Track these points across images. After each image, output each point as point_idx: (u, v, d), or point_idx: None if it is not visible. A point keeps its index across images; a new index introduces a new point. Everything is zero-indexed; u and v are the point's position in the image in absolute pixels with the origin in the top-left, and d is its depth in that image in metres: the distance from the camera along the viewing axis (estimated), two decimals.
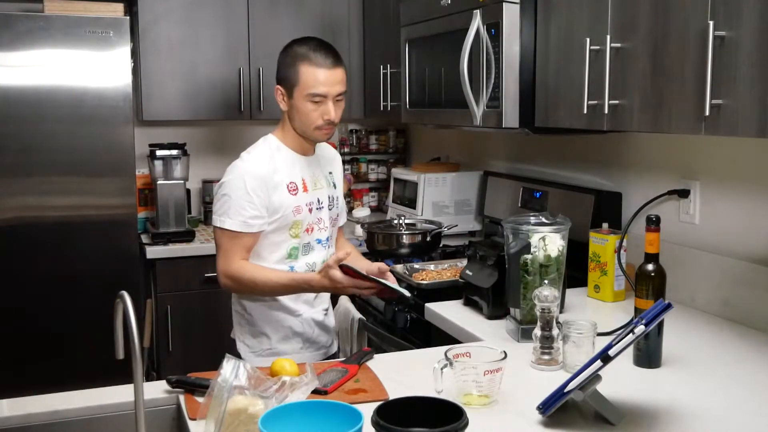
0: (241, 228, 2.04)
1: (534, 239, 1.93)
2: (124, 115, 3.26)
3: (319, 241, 2.19)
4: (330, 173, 2.27)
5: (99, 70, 3.21)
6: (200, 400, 1.50)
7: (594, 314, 2.19)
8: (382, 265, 2.11)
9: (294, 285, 2.07)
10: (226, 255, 2.07)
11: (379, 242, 2.97)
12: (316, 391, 1.56)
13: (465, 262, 2.42)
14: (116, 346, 1.32)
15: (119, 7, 3.29)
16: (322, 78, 2.06)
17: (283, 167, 2.11)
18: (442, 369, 1.54)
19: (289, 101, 2.10)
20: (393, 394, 1.57)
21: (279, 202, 2.07)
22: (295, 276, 2.08)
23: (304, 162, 2.17)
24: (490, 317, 2.14)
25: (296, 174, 2.13)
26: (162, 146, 3.62)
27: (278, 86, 2.13)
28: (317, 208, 2.17)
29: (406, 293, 2.09)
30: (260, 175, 2.06)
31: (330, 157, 2.32)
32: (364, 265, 2.15)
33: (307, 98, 2.06)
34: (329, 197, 2.22)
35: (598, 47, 2.02)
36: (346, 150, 4.30)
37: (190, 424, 1.49)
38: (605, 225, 2.39)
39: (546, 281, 1.82)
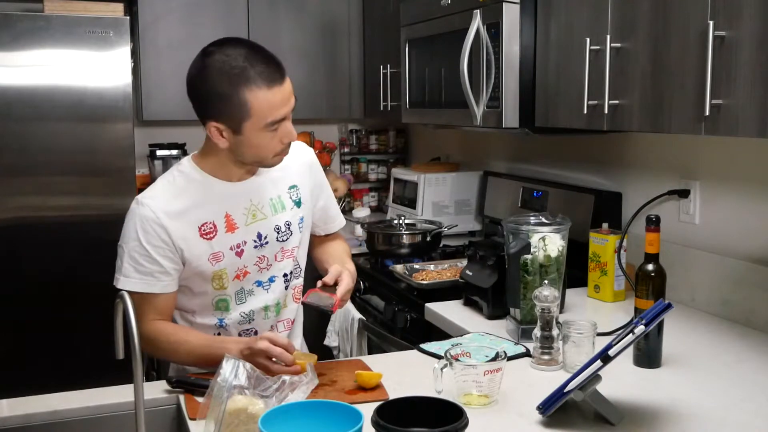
0: (139, 288, 1.68)
1: (534, 239, 1.93)
2: (124, 115, 3.25)
3: (260, 284, 1.81)
4: (291, 188, 1.84)
5: (99, 70, 3.20)
6: (200, 400, 1.50)
7: (594, 314, 2.19)
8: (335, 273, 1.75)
9: (208, 350, 1.68)
10: (138, 317, 1.62)
11: (379, 242, 2.97)
12: (324, 312, 1.63)
13: (465, 262, 2.42)
14: (116, 346, 1.32)
15: (119, 7, 3.29)
16: (278, 99, 1.61)
17: (194, 205, 1.71)
18: (442, 369, 1.54)
19: (236, 137, 1.64)
20: (393, 394, 1.57)
21: (188, 251, 1.70)
22: (209, 339, 1.73)
23: (233, 192, 1.75)
24: (490, 317, 2.14)
25: (216, 211, 1.73)
26: (162, 146, 3.62)
27: (213, 123, 1.63)
28: (256, 246, 1.77)
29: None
30: (158, 221, 1.68)
31: (287, 168, 1.82)
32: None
33: (266, 129, 1.63)
34: (285, 224, 1.81)
35: (598, 47, 2.02)
36: (346, 150, 4.30)
37: (190, 424, 1.49)
38: (605, 225, 2.39)
39: (546, 281, 1.82)
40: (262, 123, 1.62)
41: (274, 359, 1.60)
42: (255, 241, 1.77)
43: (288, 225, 1.82)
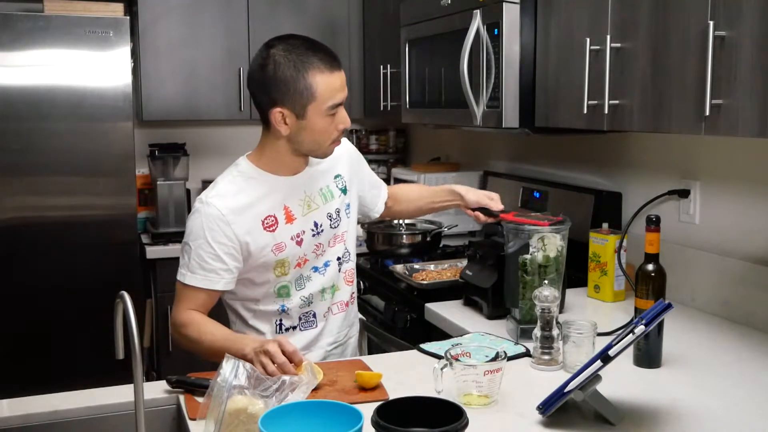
0: (203, 284, 1.79)
1: (533, 239, 1.93)
2: (124, 115, 3.26)
3: (316, 269, 1.93)
4: (336, 177, 1.97)
5: (99, 70, 3.20)
6: (200, 400, 1.50)
7: (594, 314, 2.19)
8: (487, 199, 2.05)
9: (228, 344, 1.71)
10: (178, 303, 1.84)
11: (379, 242, 2.97)
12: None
13: (465, 262, 2.42)
14: (116, 346, 1.32)
15: (119, 7, 3.29)
16: (338, 84, 1.76)
17: (256, 200, 1.82)
18: (442, 369, 1.54)
19: (299, 122, 1.76)
20: (393, 394, 1.57)
21: (254, 243, 1.80)
22: (231, 334, 1.81)
23: (289, 185, 1.87)
24: (490, 317, 2.14)
25: (275, 204, 1.84)
26: (162, 146, 3.62)
27: (278, 109, 1.74)
28: (314, 235, 1.89)
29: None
30: (224, 218, 1.77)
31: (332, 159, 1.95)
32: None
33: (326, 112, 1.75)
34: (336, 211, 1.94)
35: (598, 47, 2.02)
36: None
37: (190, 424, 1.49)
38: (605, 225, 2.39)
39: (546, 281, 1.82)
40: (324, 106, 1.74)
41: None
42: (312, 230, 1.89)
43: (338, 212, 1.95)
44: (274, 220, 1.84)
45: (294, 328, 1.94)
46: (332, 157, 1.93)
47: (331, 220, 1.93)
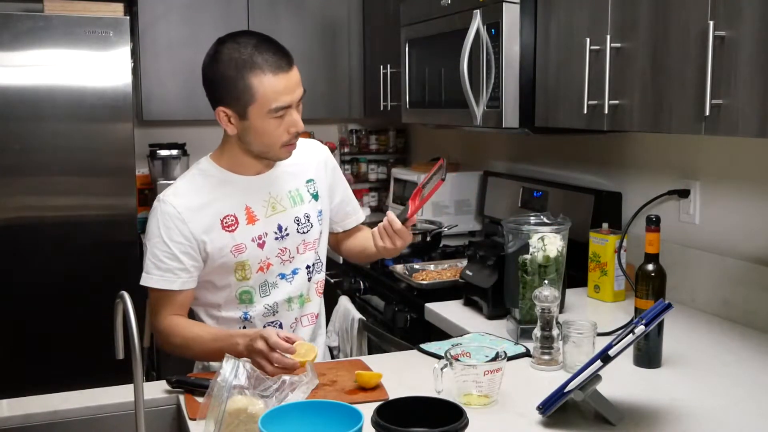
0: (159, 285, 1.74)
1: (533, 239, 1.92)
2: (124, 115, 3.26)
3: (283, 276, 1.85)
4: (309, 182, 1.90)
5: (99, 69, 3.21)
6: (200, 400, 1.50)
7: (594, 314, 2.19)
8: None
9: (219, 344, 1.69)
10: (153, 312, 1.79)
11: None
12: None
13: (465, 262, 2.42)
14: (116, 346, 1.32)
15: (119, 7, 3.30)
16: (282, 86, 1.67)
17: (215, 199, 1.77)
18: (442, 369, 1.54)
19: (242, 123, 1.71)
20: (393, 394, 1.57)
21: (211, 243, 1.75)
22: (218, 333, 1.76)
23: (252, 185, 1.81)
24: (490, 317, 2.13)
25: (236, 204, 1.78)
26: (162, 146, 3.62)
27: (222, 108, 1.71)
28: (278, 238, 1.82)
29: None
30: (179, 217, 1.73)
31: (303, 164, 1.90)
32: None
33: (269, 115, 1.68)
34: (305, 216, 1.87)
35: (598, 47, 2.02)
36: (346, 150, 4.30)
37: (190, 424, 1.49)
38: (605, 225, 2.39)
39: (545, 281, 1.82)
40: (266, 108, 1.67)
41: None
42: (276, 233, 1.82)
43: (308, 217, 1.88)
44: (234, 220, 1.78)
45: None
46: (306, 160, 1.89)
47: (299, 224, 1.86)
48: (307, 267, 1.90)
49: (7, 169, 3.15)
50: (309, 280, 1.91)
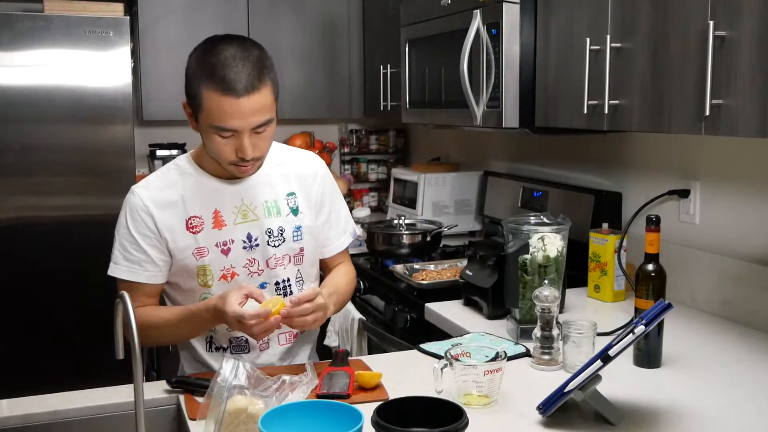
0: (126, 276, 1.72)
1: (533, 239, 1.93)
2: (124, 115, 3.26)
3: None
4: (290, 195, 1.80)
5: (99, 70, 3.20)
6: (200, 400, 1.50)
7: (594, 314, 2.19)
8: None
9: (192, 327, 1.70)
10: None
11: (379, 242, 2.97)
12: (338, 396, 1.53)
13: (465, 262, 2.42)
14: (116, 346, 1.32)
15: (119, 7, 3.29)
16: (228, 110, 1.56)
17: (184, 197, 1.73)
18: (442, 369, 1.54)
19: (197, 124, 1.66)
20: (393, 394, 1.57)
21: (173, 242, 1.71)
22: (186, 316, 1.70)
23: (225, 189, 1.74)
24: (490, 317, 2.14)
25: (205, 206, 1.73)
26: (162, 146, 3.62)
27: (185, 102, 1.67)
28: (246, 248, 1.74)
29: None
30: (146, 209, 1.71)
31: (287, 175, 1.82)
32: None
33: (214, 131, 1.61)
34: (278, 229, 1.77)
35: (598, 47, 2.02)
36: (346, 150, 4.30)
37: (190, 424, 1.49)
38: (605, 225, 2.39)
39: (546, 281, 1.82)
40: (209, 123, 1.60)
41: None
42: (244, 242, 1.75)
43: (281, 231, 1.79)
44: (200, 222, 1.72)
45: (225, 349, 1.81)
46: (291, 172, 1.81)
47: (270, 236, 1.77)
48: (276, 283, 1.79)
49: (7, 169, 3.15)
50: (283, 296, 1.77)
